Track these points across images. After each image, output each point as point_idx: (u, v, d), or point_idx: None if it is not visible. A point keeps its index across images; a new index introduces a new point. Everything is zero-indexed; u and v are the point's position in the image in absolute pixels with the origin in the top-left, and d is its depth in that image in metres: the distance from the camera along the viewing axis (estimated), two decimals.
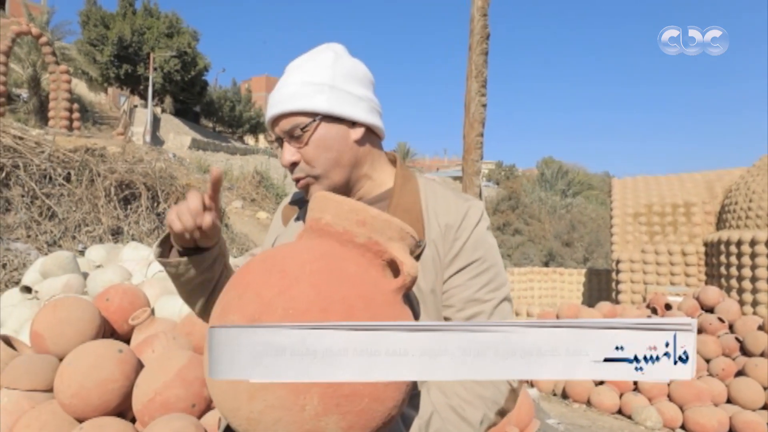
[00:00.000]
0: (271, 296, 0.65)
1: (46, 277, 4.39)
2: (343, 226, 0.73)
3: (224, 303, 0.70)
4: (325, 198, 0.76)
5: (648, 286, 10.65)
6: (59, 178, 6.08)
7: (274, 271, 0.68)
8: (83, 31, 30.38)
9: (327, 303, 0.64)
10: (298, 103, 0.86)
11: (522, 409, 3.42)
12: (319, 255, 0.71)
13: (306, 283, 0.66)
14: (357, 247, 0.72)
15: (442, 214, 0.90)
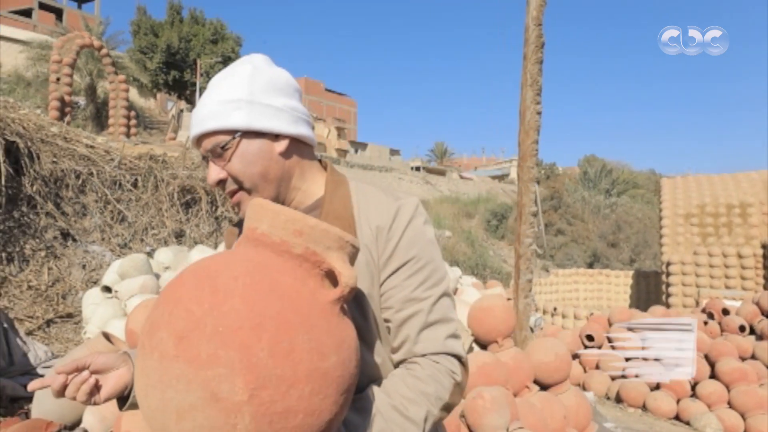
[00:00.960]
0: (201, 312, 0.62)
1: (124, 278, 4.73)
2: (279, 236, 0.70)
3: (153, 318, 0.67)
4: (261, 207, 0.73)
5: (701, 289, 10.33)
6: (128, 184, 6.48)
7: (205, 284, 0.65)
8: (134, 40, 31.74)
9: (260, 319, 0.62)
10: (216, 122, 0.86)
11: (580, 412, 3.48)
12: (254, 267, 0.68)
13: (238, 298, 0.63)
14: (294, 257, 0.70)
15: (373, 217, 0.89)
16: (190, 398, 0.60)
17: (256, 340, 0.61)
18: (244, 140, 0.86)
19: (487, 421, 2.60)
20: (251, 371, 0.60)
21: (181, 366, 0.61)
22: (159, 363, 0.62)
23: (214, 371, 0.60)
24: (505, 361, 3.22)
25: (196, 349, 0.61)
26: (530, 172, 3.78)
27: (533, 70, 3.75)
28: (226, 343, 0.60)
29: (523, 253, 3.79)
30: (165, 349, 0.62)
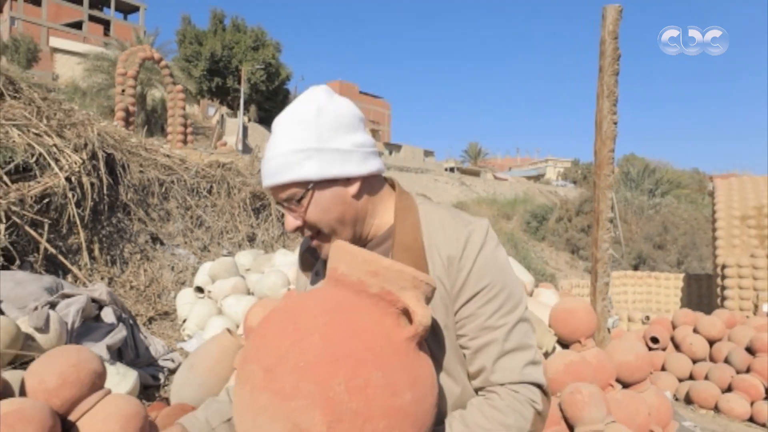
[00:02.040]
0: (285, 348, 0.68)
1: (215, 280, 5.11)
2: (357, 277, 0.75)
3: (246, 352, 0.75)
4: (340, 249, 0.79)
5: (759, 293, 10.12)
6: (204, 191, 6.92)
7: (289, 322, 0.71)
8: (179, 49, 32.96)
9: (337, 355, 0.66)
10: (289, 174, 0.86)
11: (662, 409, 3.62)
12: (332, 306, 0.73)
13: (317, 336, 0.68)
14: (370, 296, 0.74)
15: (443, 246, 0.88)
16: (275, 427, 0.65)
17: (333, 375, 0.65)
18: (317, 190, 0.87)
19: (586, 414, 2.80)
20: (329, 405, 0.64)
21: (268, 397, 0.67)
22: (250, 393, 0.70)
23: (296, 403, 0.65)
24: (589, 360, 3.40)
25: (281, 381, 0.66)
26: (607, 180, 3.94)
27: (609, 81, 3.91)
28: (306, 377, 0.66)
29: (600, 257, 3.96)
30: (255, 380, 0.69)
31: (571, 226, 24.33)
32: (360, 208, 0.91)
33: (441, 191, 38.06)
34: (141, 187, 6.18)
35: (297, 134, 0.87)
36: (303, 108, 0.89)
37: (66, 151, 4.99)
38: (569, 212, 25.36)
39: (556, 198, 43.15)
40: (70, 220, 4.77)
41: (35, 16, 46.88)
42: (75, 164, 4.94)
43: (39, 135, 4.91)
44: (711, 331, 5.40)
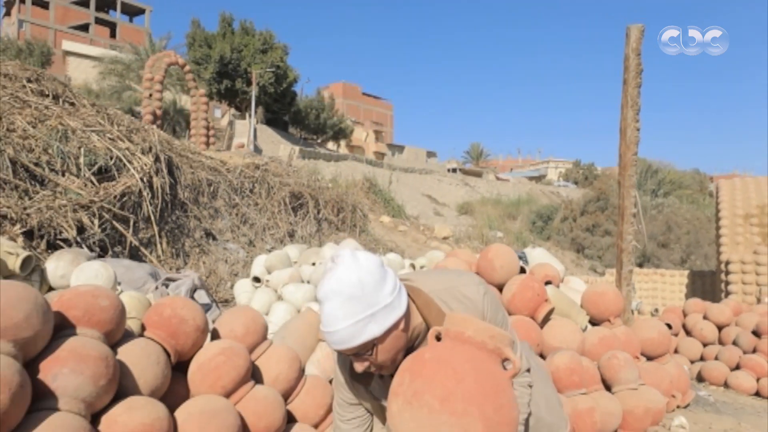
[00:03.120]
0: (452, 386, 1.03)
1: (271, 271, 5.63)
2: (480, 338, 1.11)
3: (416, 387, 1.05)
4: (466, 320, 1.14)
5: (762, 287, 10.64)
6: (246, 190, 7.45)
7: (448, 368, 1.05)
8: (189, 52, 33.49)
9: (484, 390, 1.02)
10: (357, 340, 1.14)
11: (681, 379, 4.15)
12: (471, 357, 1.08)
13: (471, 378, 1.04)
14: (488, 351, 1.10)
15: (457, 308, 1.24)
16: None
17: (485, 402, 1.03)
18: (379, 342, 1.16)
19: (622, 376, 3.33)
20: (485, 419, 1.02)
21: (447, 416, 1.02)
22: (428, 415, 1.03)
23: (466, 419, 1.01)
24: (619, 335, 3.92)
25: (454, 406, 1.02)
26: (631, 180, 4.47)
27: (633, 93, 4.44)
28: (471, 402, 1.02)
29: (625, 248, 4.49)
30: (432, 406, 1.03)
31: (576, 225, 24.87)
32: (407, 334, 1.21)
33: (446, 192, 38.57)
34: (193, 187, 6.70)
35: (352, 309, 1.13)
36: (347, 286, 1.14)
37: (137, 154, 5.51)
38: (574, 212, 25.89)
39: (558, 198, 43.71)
40: (143, 216, 5.29)
41: (43, 19, 47.31)
42: (146, 166, 5.47)
43: (113, 140, 5.43)
44: (720, 318, 5.92)
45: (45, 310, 1.56)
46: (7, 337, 1.43)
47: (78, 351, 1.57)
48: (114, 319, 1.77)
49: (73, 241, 4.12)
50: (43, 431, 1.42)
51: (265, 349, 2.22)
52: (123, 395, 1.69)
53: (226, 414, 1.82)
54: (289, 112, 38.63)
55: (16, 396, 1.35)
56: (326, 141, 45.52)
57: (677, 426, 3.53)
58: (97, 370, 1.56)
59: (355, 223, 8.33)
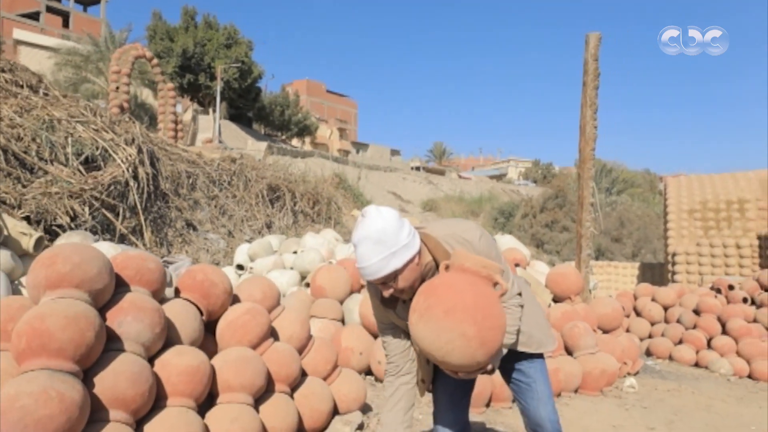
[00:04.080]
0: (454, 300, 1.34)
1: (254, 259, 5.86)
2: (476, 268, 1.43)
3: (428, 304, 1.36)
4: (464, 254, 1.48)
5: (703, 277, 11.56)
6: (225, 183, 7.61)
7: (451, 288, 1.38)
8: (150, 45, 32.62)
9: (477, 303, 1.34)
10: (384, 272, 1.45)
11: (631, 349, 4.67)
12: (468, 281, 1.40)
13: (469, 294, 1.35)
14: (482, 277, 1.42)
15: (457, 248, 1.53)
16: (453, 335, 1.31)
17: (478, 311, 1.34)
18: (400, 273, 1.47)
19: (582, 342, 3.78)
20: (478, 324, 1.32)
21: (449, 323, 1.32)
22: (436, 323, 1.33)
23: (463, 325, 1.31)
24: (578, 310, 4.39)
25: (455, 316, 1.32)
26: (589, 172, 4.96)
27: (591, 94, 4.93)
28: (467, 313, 1.32)
29: (583, 234, 4.98)
30: (439, 316, 1.33)
31: (535, 222, 25.83)
32: (421, 267, 1.53)
33: (410, 189, 39.13)
34: (173, 179, 6.83)
35: (378, 249, 1.44)
36: (374, 231, 1.45)
37: (121, 144, 5.63)
38: (534, 209, 26.87)
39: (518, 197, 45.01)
40: (129, 205, 5.43)
41: None
42: (130, 156, 5.60)
43: (97, 130, 5.54)
44: (666, 300, 6.54)
45: (110, 268, 1.82)
46: (84, 287, 1.69)
47: (137, 303, 1.84)
48: (159, 279, 2.04)
49: (68, 227, 4.25)
50: (115, 368, 1.69)
51: (280, 312, 2.52)
52: (169, 344, 1.97)
53: (257, 361, 2.11)
54: (253, 108, 38.24)
55: (98, 335, 1.62)
56: (291, 138, 45.28)
57: (628, 386, 4.02)
58: (153, 319, 1.84)
59: (330, 216, 8.60)
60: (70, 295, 1.64)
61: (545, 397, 1.72)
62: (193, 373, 1.87)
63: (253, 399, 2.07)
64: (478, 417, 3.19)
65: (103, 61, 25.91)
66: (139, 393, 1.68)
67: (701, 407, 3.80)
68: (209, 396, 2.01)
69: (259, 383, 2.07)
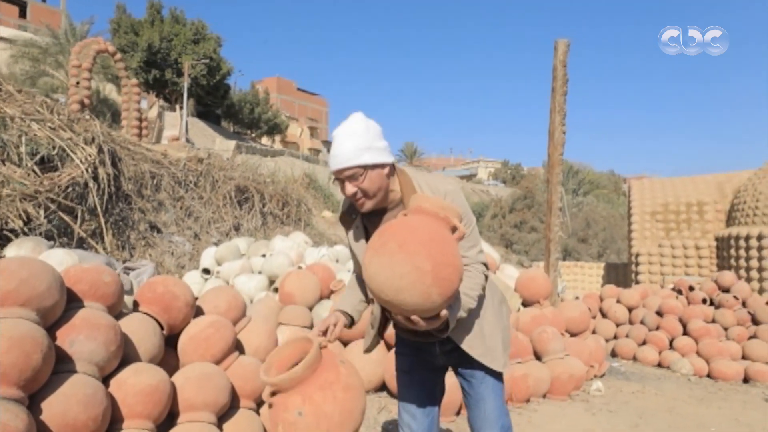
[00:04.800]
0: (410, 236, 1.28)
1: (221, 263, 5.71)
2: (433, 209, 1.38)
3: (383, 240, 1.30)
4: (423, 197, 1.44)
5: (665, 276, 11.93)
6: (191, 183, 7.41)
7: (408, 227, 1.32)
8: (114, 39, 31.64)
9: (433, 239, 1.28)
10: (354, 161, 1.45)
11: (598, 351, 4.75)
12: (425, 221, 1.34)
13: (424, 231, 1.30)
14: (439, 219, 1.37)
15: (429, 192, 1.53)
16: (406, 268, 1.24)
17: (433, 246, 1.27)
18: (369, 171, 1.48)
19: (550, 347, 3.81)
20: (431, 257, 1.25)
21: (403, 256, 1.25)
22: (389, 256, 1.27)
23: (417, 257, 1.25)
24: (547, 314, 4.43)
25: (409, 249, 1.26)
26: (558, 177, 5.02)
27: (560, 100, 4.98)
28: (422, 246, 1.26)
29: (552, 238, 5.03)
30: (393, 250, 1.27)
31: (504, 222, 26.21)
32: (387, 182, 1.53)
33: None
34: (136, 180, 6.60)
35: (356, 141, 1.47)
36: (357, 126, 1.50)
37: (80, 144, 5.39)
38: (503, 210, 27.26)
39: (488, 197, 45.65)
40: (88, 207, 5.20)
41: None
42: (90, 156, 5.37)
43: (54, 129, 5.29)
44: (630, 301, 6.70)
45: (61, 283, 1.71)
46: (32, 305, 1.58)
47: (90, 320, 1.73)
48: (116, 293, 1.94)
49: (20, 231, 4.04)
50: (65, 391, 1.59)
51: (246, 323, 2.43)
52: (126, 362, 1.87)
53: (219, 377, 2.03)
54: (222, 106, 37.56)
55: (46, 357, 1.52)
56: (260, 136, 44.66)
57: (595, 390, 4.09)
58: (108, 337, 1.74)
59: (299, 217, 8.48)
60: (15, 314, 1.53)
61: (493, 418, 1.66)
62: (151, 392, 1.78)
63: (216, 417, 1.98)
64: (449, 425, 3.17)
65: (63, 54, 24.97)
66: (92, 417, 1.58)
67: (664, 409, 3.89)
68: (170, 415, 1.92)
69: (223, 400, 1.99)
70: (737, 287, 6.68)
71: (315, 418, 1.34)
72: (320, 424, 1.35)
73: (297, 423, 1.34)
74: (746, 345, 5.90)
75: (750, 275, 10.29)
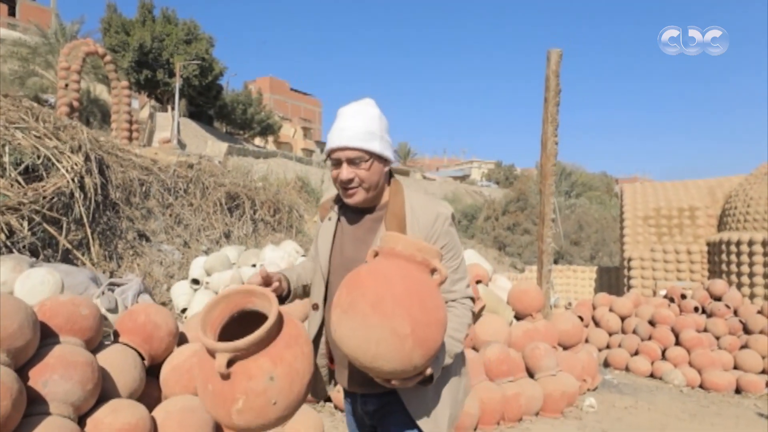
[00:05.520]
0: (383, 292, 1.11)
1: (210, 273, 5.63)
2: (409, 252, 1.20)
3: (352, 298, 1.13)
4: (396, 236, 1.24)
5: (657, 281, 11.96)
6: (180, 190, 7.31)
7: (380, 278, 1.15)
8: (104, 38, 31.36)
9: (411, 294, 1.12)
10: (362, 143, 1.33)
11: (591, 365, 4.72)
12: (400, 269, 1.17)
13: (399, 285, 1.13)
14: (416, 263, 1.19)
15: (422, 217, 1.38)
16: (383, 333, 1.09)
17: (412, 302, 1.12)
18: (374, 160, 1.36)
19: (543, 364, 3.77)
20: (411, 318, 1.10)
21: (377, 319, 1.09)
22: (362, 319, 1.11)
23: (395, 320, 1.09)
24: (540, 328, 4.40)
25: (384, 309, 1.10)
26: (551, 188, 4.98)
27: (553, 111, 4.95)
28: (398, 305, 1.10)
29: (545, 250, 5.00)
30: (365, 311, 1.11)
31: (498, 224, 26.24)
32: (383, 180, 1.42)
33: None
34: (124, 187, 6.50)
35: (369, 123, 1.36)
36: (371, 110, 1.39)
37: (66, 152, 5.29)
38: (496, 212, 27.30)
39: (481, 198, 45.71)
40: (74, 218, 5.11)
41: None
42: (76, 165, 5.27)
43: (39, 137, 5.18)
44: (622, 310, 6.69)
45: (34, 320, 1.64)
46: (2, 346, 1.51)
47: (66, 358, 1.66)
48: (94, 326, 1.86)
49: (2, 244, 3.94)
50: None
51: None
52: (104, 398, 1.79)
53: (203, 411, 1.96)
54: (214, 106, 37.33)
55: (16, 402, 1.44)
56: (253, 137, 44.44)
57: (588, 406, 4.05)
58: (84, 375, 1.67)
59: (291, 224, 8.40)
60: None
61: None
62: (130, 431, 1.71)
63: None
64: None
65: (53, 53, 24.70)
66: None
67: (657, 426, 3.86)
68: None
69: None
70: (729, 295, 6.69)
71: (288, 380, 1.13)
72: (293, 385, 1.15)
73: (268, 390, 1.10)
74: (738, 355, 5.90)
75: (741, 280, 10.33)
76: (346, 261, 1.43)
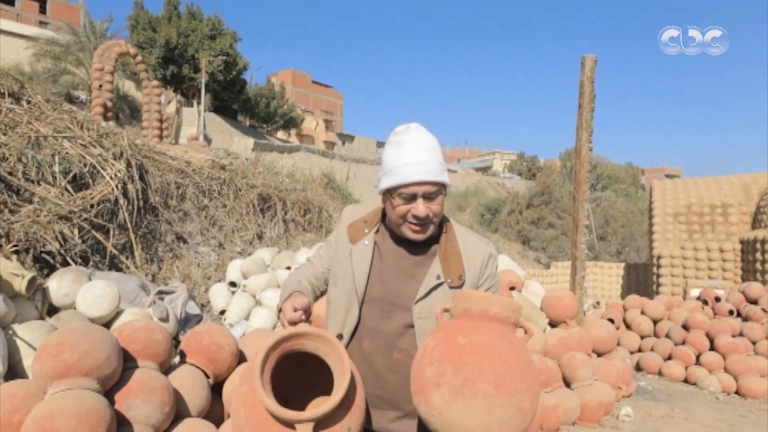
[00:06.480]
0: (502, 369, 1.07)
1: (247, 275, 5.79)
2: (505, 314, 1.16)
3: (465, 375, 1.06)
4: (490, 297, 1.18)
5: (688, 280, 11.77)
6: (214, 192, 7.49)
7: (492, 353, 1.09)
8: (132, 35, 31.92)
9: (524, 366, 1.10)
10: (441, 177, 1.29)
11: (625, 372, 4.73)
12: (502, 337, 1.13)
13: (512, 358, 1.09)
14: (509, 324, 1.16)
15: (476, 256, 1.38)
16: (508, 413, 1.06)
17: (527, 377, 1.10)
18: (444, 193, 1.33)
19: (580, 374, 3.81)
20: (531, 390, 1.09)
21: (502, 399, 1.06)
22: (484, 399, 1.05)
23: (518, 397, 1.07)
24: (574, 335, 4.42)
25: (506, 388, 1.06)
26: (584, 195, 4.98)
27: (587, 117, 4.93)
28: (519, 381, 1.08)
29: (578, 256, 5.00)
30: (486, 391, 1.06)
31: (522, 218, 26.03)
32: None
33: None
34: (162, 191, 6.69)
35: (438, 155, 1.33)
36: (432, 138, 1.35)
37: (109, 159, 5.49)
38: (520, 205, 27.06)
39: (504, 190, 45.31)
40: (118, 223, 5.30)
41: None
42: (119, 172, 5.46)
43: (85, 146, 5.38)
44: (655, 313, 6.64)
45: (118, 349, 1.77)
46: (93, 375, 1.64)
47: (146, 383, 1.79)
48: (167, 350, 1.99)
49: (57, 253, 4.14)
50: None
51: None
52: (178, 418, 1.92)
53: None
54: (238, 101, 37.75)
55: (110, 428, 1.57)
56: (276, 130, 44.81)
57: (624, 415, 4.08)
58: (163, 399, 1.79)
59: (321, 224, 8.53)
60: (78, 384, 1.58)
61: None
62: None
63: None
64: None
65: (83, 51, 25.30)
66: None
67: None
68: None
69: None
70: (765, 299, 6.58)
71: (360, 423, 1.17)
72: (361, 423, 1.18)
73: None
74: None
75: None
76: (388, 294, 1.38)
